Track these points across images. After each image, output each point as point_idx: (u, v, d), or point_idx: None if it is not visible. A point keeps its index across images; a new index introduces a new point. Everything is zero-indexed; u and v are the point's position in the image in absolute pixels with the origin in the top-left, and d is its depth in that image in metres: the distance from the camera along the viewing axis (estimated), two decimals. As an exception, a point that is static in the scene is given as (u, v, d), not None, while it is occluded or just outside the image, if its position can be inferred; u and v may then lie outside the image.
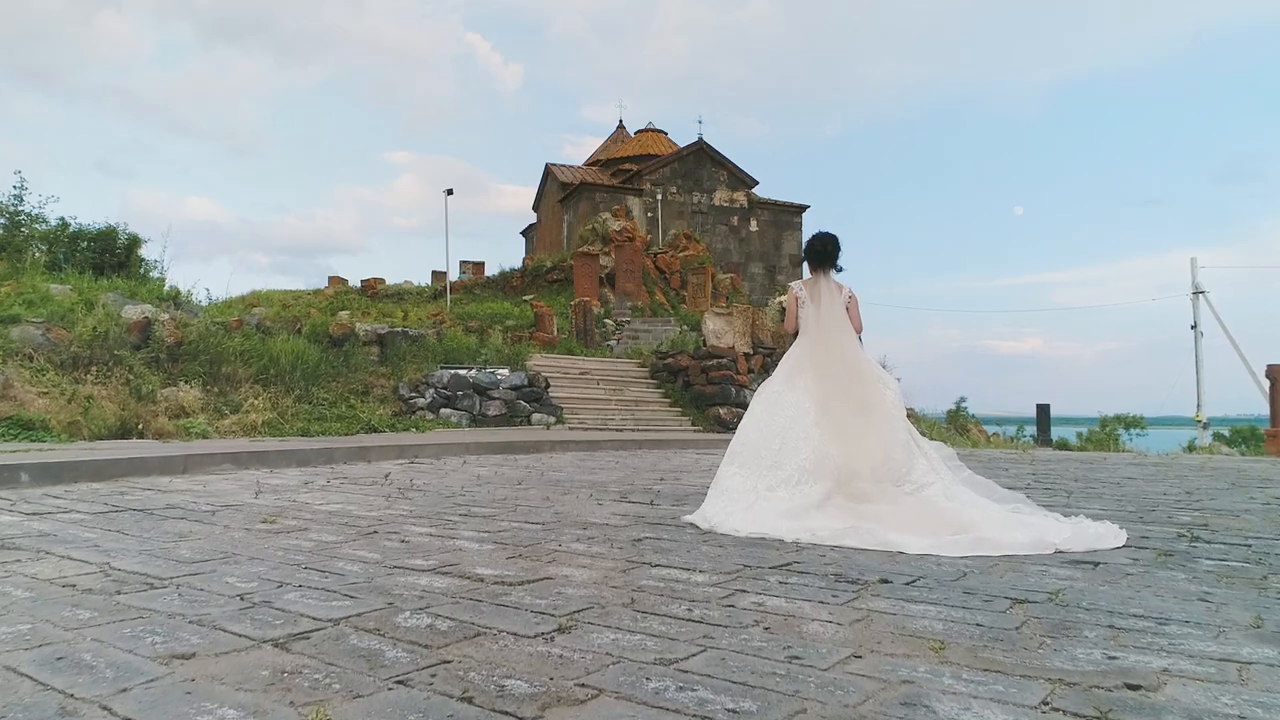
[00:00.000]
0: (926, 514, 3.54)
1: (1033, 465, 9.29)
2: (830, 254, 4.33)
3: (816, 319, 4.25)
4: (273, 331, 12.00)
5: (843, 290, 4.33)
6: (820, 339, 4.21)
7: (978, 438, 31.02)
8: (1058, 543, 3.27)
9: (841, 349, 4.18)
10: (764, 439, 3.96)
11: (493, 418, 12.53)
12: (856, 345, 4.31)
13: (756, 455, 3.93)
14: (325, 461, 7.54)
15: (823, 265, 4.33)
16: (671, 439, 11.68)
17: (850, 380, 4.08)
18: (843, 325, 4.24)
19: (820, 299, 4.27)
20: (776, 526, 3.53)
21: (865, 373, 4.20)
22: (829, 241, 4.35)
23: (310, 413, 10.93)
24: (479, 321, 18.45)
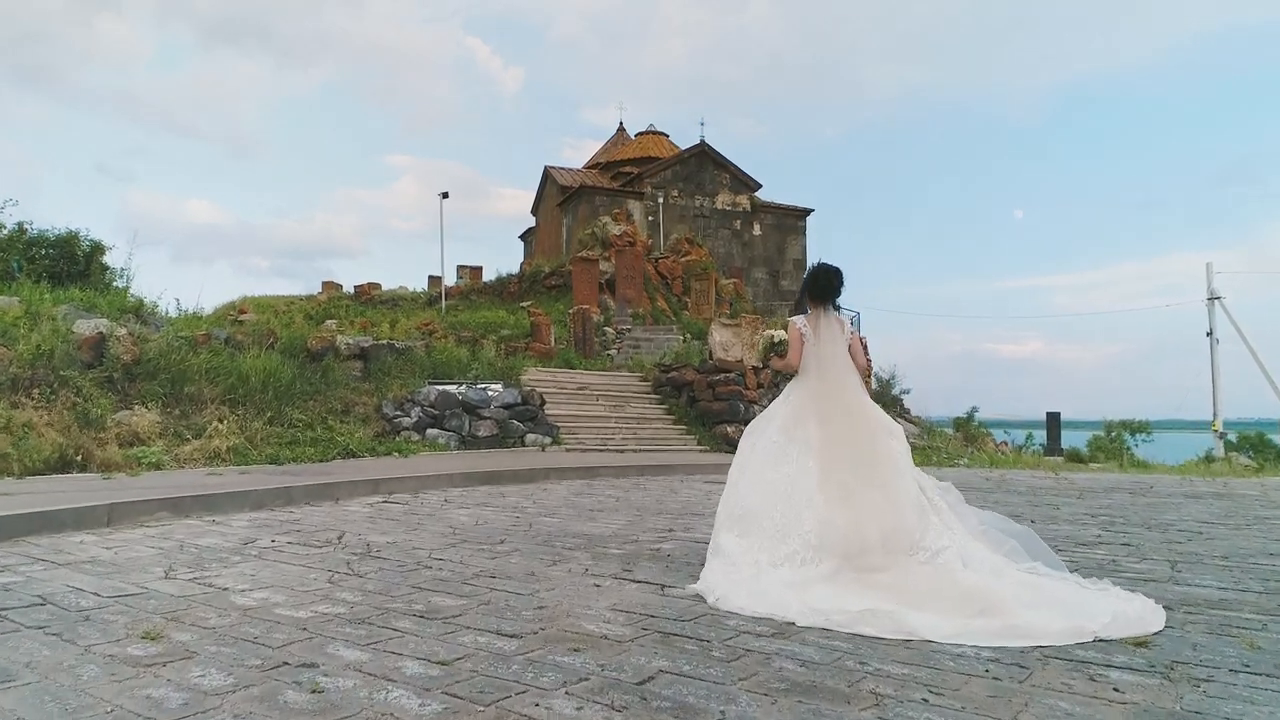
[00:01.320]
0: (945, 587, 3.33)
1: (1081, 498, 8.34)
2: (833, 288, 4.06)
3: (818, 358, 3.98)
4: (244, 346, 11.06)
5: (845, 327, 4.08)
6: (822, 381, 3.94)
7: (991, 450, 30.11)
8: (1097, 630, 2.97)
9: (845, 393, 3.93)
10: (765, 505, 3.70)
11: (483, 439, 11.59)
12: (861, 388, 4.06)
13: (758, 525, 3.67)
14: (284, 503, 6.60)
15: (824, 300, 4.05)
16: (676, 463, 10.74)
17: (855, 429, 3.84)
18: (846, 365, 3.99)
19: (821, 336, 3.99)
20: (784, 602, 3.24)
21: (871, 420, 3.93)
22: (832, 275, 4.07)
23: (282, 436, 9.98)
24: (472, 331, 17.53)
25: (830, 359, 3.97)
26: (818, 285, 4.11)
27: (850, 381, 3.99)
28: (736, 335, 13.89)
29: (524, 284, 29.44)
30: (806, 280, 4.22)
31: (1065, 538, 5.49)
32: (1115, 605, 3.19)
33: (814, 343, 4.01)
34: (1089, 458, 34.51)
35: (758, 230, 39.25)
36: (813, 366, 3.99)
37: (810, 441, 3.80)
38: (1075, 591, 3.41)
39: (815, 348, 4.00)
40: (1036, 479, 11.29)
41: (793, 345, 4.09)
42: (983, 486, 9.56)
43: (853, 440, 3.79)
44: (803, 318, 4.11)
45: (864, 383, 4.27)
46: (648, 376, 15.12)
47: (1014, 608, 3.12)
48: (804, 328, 4.05)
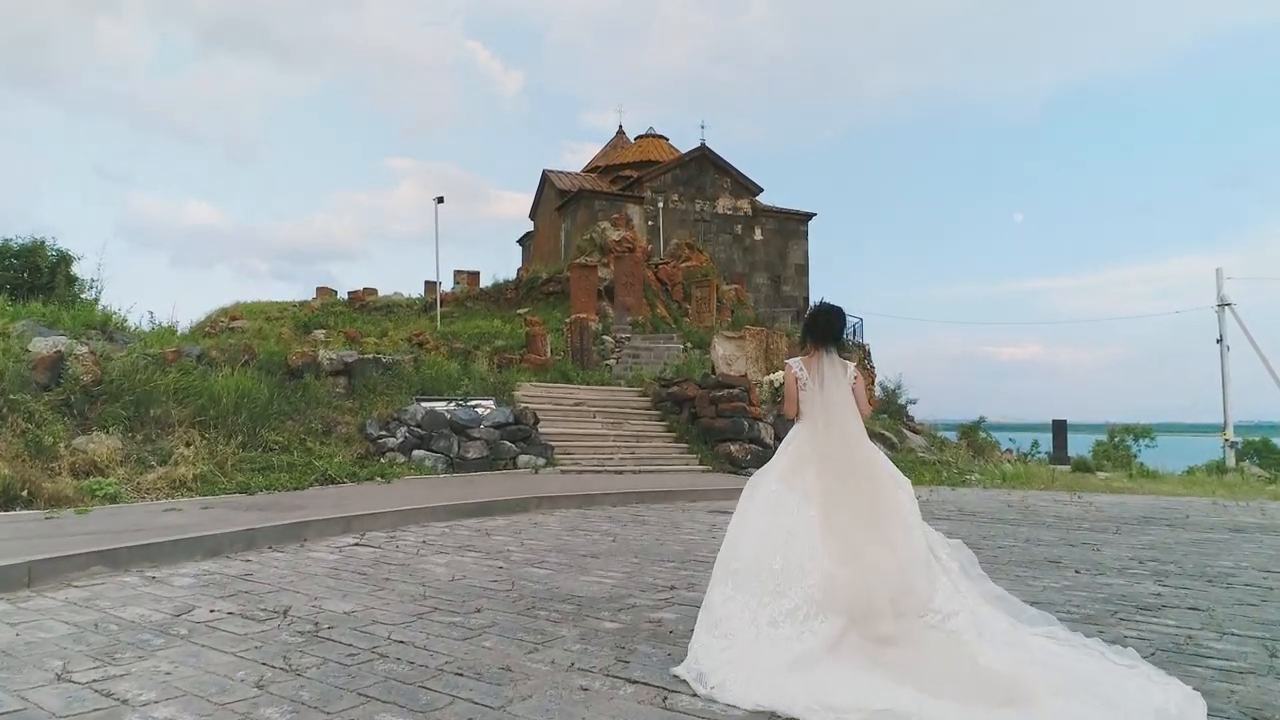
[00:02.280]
0: (962, 666, 3.11)
1: (1119, 533, 7.67)
2: (834, 329, 3.87)
3: (820, 403, 3.77)
4: (218, 363, 10.40)
5: (848, 369, 3.87)
6: (824, 427, 3.75)
7: (998, 459, 29.46)
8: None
9: (848, 440, 3.72)
10: (762, 557, 3.49)
11: (472, 461, 10.92)
12: (865, 435, 3.84)
13: (756, 577, 3.45)
14: (243, 547, 5.93)
15: (825, 342, 3.84)
16: (678, 488, 10.08)
17: (859, 479, 3.63)
18: (849, 410, 3.78)
19: (823, 379, 3.78)
20: (789, 694, 2.94)
21: (876, 470, 3.72)
22: (832, 315, 3.89)
23: (255, 461, 9.32)
24: (464, 342, 16.87)
25: (832, 404, 3.75)
26: (817, 327, 3.90)
27: (854, 428, 3.77)
28: (740, 348, 13.23)
29: (521, 290, 28.81)
30: (806, 321, 4.03)
31: (1121, 598, 4.82)
32: (1154, 697, 2.93)
33: (814, 388, 3.80)
34: (1095, 465, 33.90)
35: (759, 235, 38.63)
36: (814, 412, 3.79)
37: (810, 491, 3.62)
38: (1102, 667, 3.20)
39: (816, 393, 3.79)
40: (1059, 503, 10.62)
41: (788, 392, 3.93)
42: (1007, 516, 8.89)
43: (857, 491, 3.59)
44: (799, 361, 3.91)
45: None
46: (647, 391, 14.46)
47: (1041, 695, 2.92)
48: (800, 373, 3.84)
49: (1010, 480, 17.65)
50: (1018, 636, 3.38)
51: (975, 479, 17.35)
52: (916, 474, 16.02)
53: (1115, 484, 23.02)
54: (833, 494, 3.59)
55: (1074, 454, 38.82)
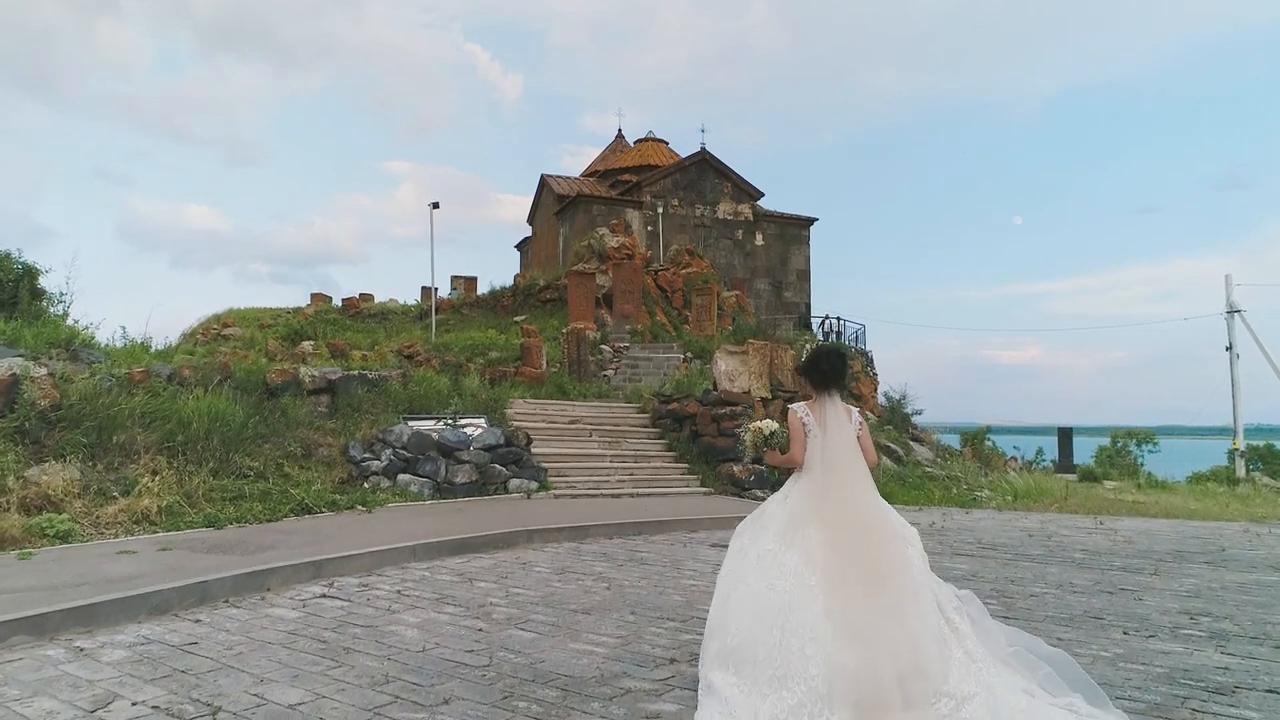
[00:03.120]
0: None
1: (1157, 574, 7.06)
2: (837, 373, 3.74)
3: (823, 451, 3.61)
4: (190, 383, 9.80)
5: (852, 415, 3.74)
6: (827, 480, 3.58)
7: (1003, 468, 28.87)
8: None
9: (853, 494, 3.55)
10: (760, 632, 3.30)
11: (461, 486, 10.31)
12: (871, 488, 3.64)
13: (753, 658, 3.27)
14: (196, 602, 5.34)
15: (828, 385, 3.72)
16: (678, 518, 9.48)
17: (865, 537, 3.46)
18: (854, 461, 3.62)
19: (826, 425, 3.63)
20: None
21: (883, 526, 3.54)
22: (835, 359, 3.77)
23: (227, 490, 8.71)
24: (457, 354, 16.28)
25: (836, 453, 3.58)
26: (819, 370, 3.72)
27: (859, 479, 3.60)
28: (743, 364, 12.64)
29: (518, 297, 28.26)
30: (806, 365, 3.84)
31: (1184, 673, 4.22)
32: None
33: (818, 434, 3.62)
34: (1101, 474, 33.34)
35: (760, 240, 38.06)
36: (816, 461, 3.61)
37: (812, 553, 3.42)
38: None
39: (821, 440, 3.60)
40: (1082, 531, 10.02)
41: (795, 438, 3.70)
42: (1031, 551, 8.28)
43: (862, 550, 3.40)
44: (803, 405, 3.72)
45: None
46: (646, 408, 13.86)
47: None
48: (806, 417, 3.66)
49: (1022, 497, 17.07)
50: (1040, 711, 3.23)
51: (985, 496, 16.76)
52: (925, 491, 15.44)
53: (1126, 496, 22.46)
54: (837, 554, 3.39)
55: (1078, 461, 38.36)
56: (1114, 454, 59.88)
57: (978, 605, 3.65)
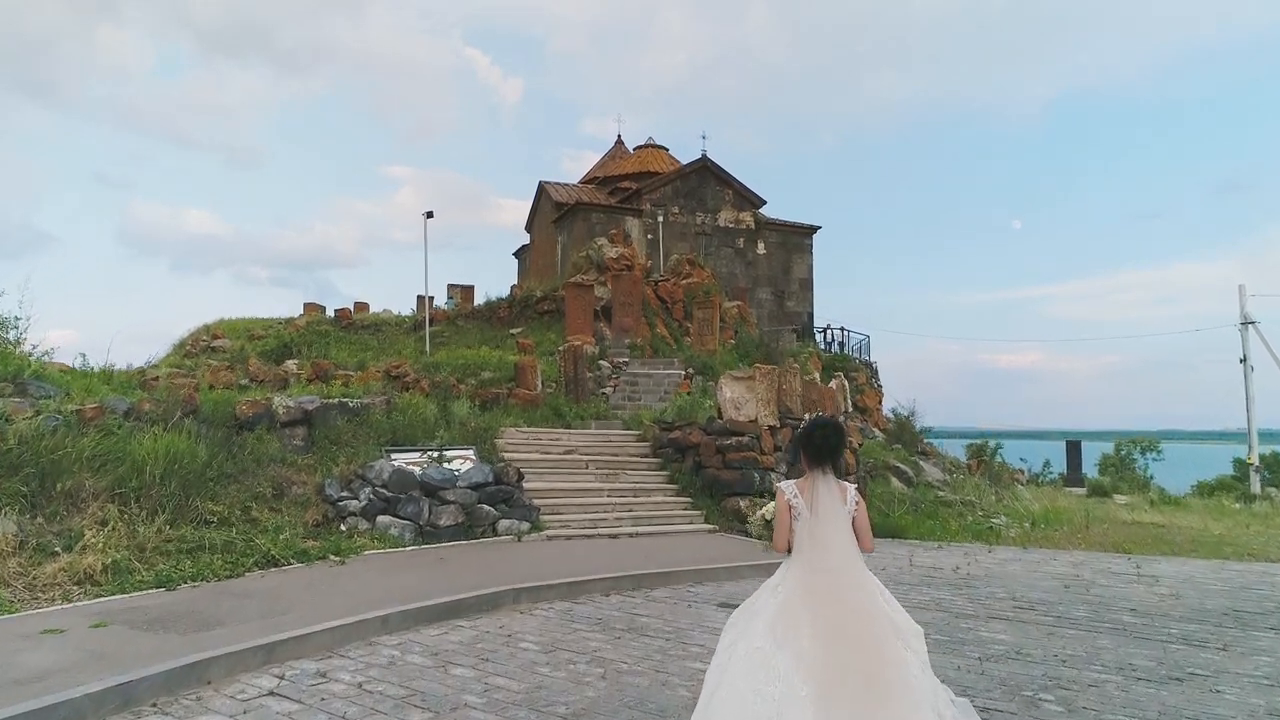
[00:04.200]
0: None
1: (1226, 650, 6.25)
2: (831, 448, 3.50)
3: (814, 536, 3.38)
4: (151, 418, 9.00)
5: (847, 494, 3.49)
6: (818, 567, 3.35)
7: (1015, 483, 28.09)
8: None
9: (847, 585, 3.32)
10: None
11: (446, 529, 9.51)
12: (867, 577, 3.42)
13: None
14: (118, 706, 4.53)
15: (822, 461, 3.48)
16: (682, 567, 8.67)
17: (861, 636, 3.20)
18: (847, 547, 3.39)
19: (819, 507, 3.41)
20: None
21: (881, 621, 3.30)
22: (829, 432, 3.52)
23: (185, 541, 7.90)
24: (448, 373, 15.47)
25: (828, 538, 3.38)
26: (812, 444, 3.50)
27: (853, 568, 3.39)
28: (750, 390, 11.85)
29: (515, 309, 27.48)
30: (799, 438, 3.62)
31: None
32: None
33: (809, 518, 3.41)
34: (1110, 487, 32.53)
35: (762, 249, 37.30)
36: (807, 547, 3.40)
37: (803, 654, 3.22)
38: None
39: (812, 522, 3.40)
40: (1122, 580, 9.19)
41: (779, 521, 3.51)
42: (1074, 611, 7.44)
43: (858, 655, 3.20)
44: (793, 485, 3.53)
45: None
46: (646, 435, 13.05)
47: None
48: (794, 499, 3.47)
49: (1040, 524, 16.29)
50: None
51: (1003, 524, 15.96)
52: (940, 521, 14.64)
53: (1142, 516, 21.68)
54: (830, 655, 3.19)
55: (1085, 471, 37.60)
56: (1118, 462, 59.19)
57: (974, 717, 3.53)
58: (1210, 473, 49.64)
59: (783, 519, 3.50)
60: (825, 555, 3.37)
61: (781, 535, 3.50)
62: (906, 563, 10.04)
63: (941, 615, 7.17)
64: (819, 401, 13.13)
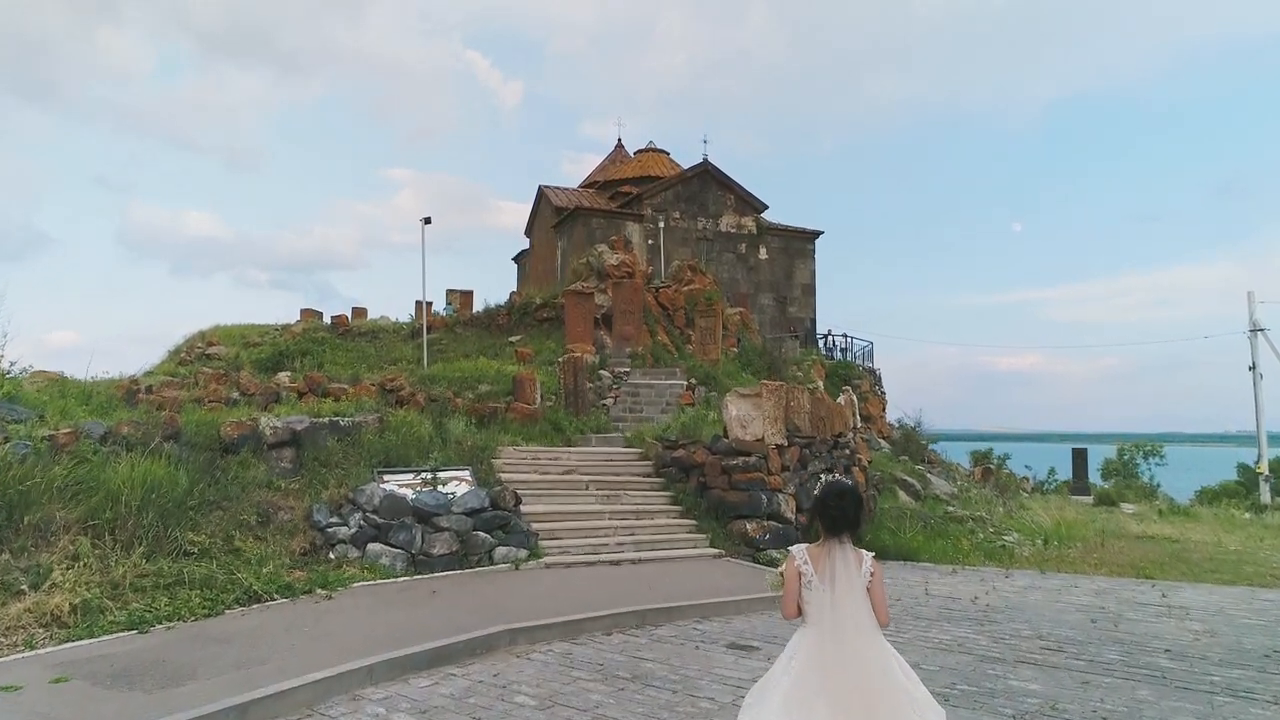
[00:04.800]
0: None
1: (1277, 703, 5.80)
2: (848, 516, 3.33)
3: (829, 608, 3.26)
4: (130, 442, 8.56)
5: (863, 563, 3.33)
6: (834, 641, 3.23)
7: (1021, 491, 27.65)
8: None
9: (864, 661, 3.20)
10: None
11: (439, 558, 9.06)
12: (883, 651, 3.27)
13: None
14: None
15: (838, 530, 3.33)
16: (688, 600, 8.21)
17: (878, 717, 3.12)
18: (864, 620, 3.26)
19: (834, 577, 3.27)
20: None
21: (899, 698, 3.18)
22: (846, 499, 3.36)
23: (163, 575, 7.46)
24: (445, 385, 15.03)
25: (843, 611, 3.27)
26: (828, 512, 3.37)
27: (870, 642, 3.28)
28: (756, 408, 11.42)
29: (514, 316, 27.03)
30: (815, 504, 3.49)
31: None
32: None
33: (822, 588, 3.30)
34: (1117, 495, 32.09)
35: (764, 254, 36.90)
36: (822, 619, 3.30)
37: None
38: None
39: (825, 595, 3.30)
40: (1151, 613, 8.73)
41: (788, 588, 3.39)
42: (1105, 654, 6.97)
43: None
44: (804, 550, 3.41)
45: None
46: (648, 453, 12.61)
47: None
48: (804, 565, 3.36)
49: (1052, 542, 15.84)
50: None
51: (1015, 541, 15.51)
52: (952, 540, 14.18)
53: (1151, 527, 21.23)
54: None
55: (1096, 486, 37.21)
56: (1121, 467, 58.75)
57: None
58: (1213, 477, 49.27)
59: (791, 586, 3.38)
60: (840, 628, 3.26)
61: (790, 602, 3.39)
62: (922, 591, 9.60)
63: (966, 659, 6.72)
64: (827, 418, 12.69)
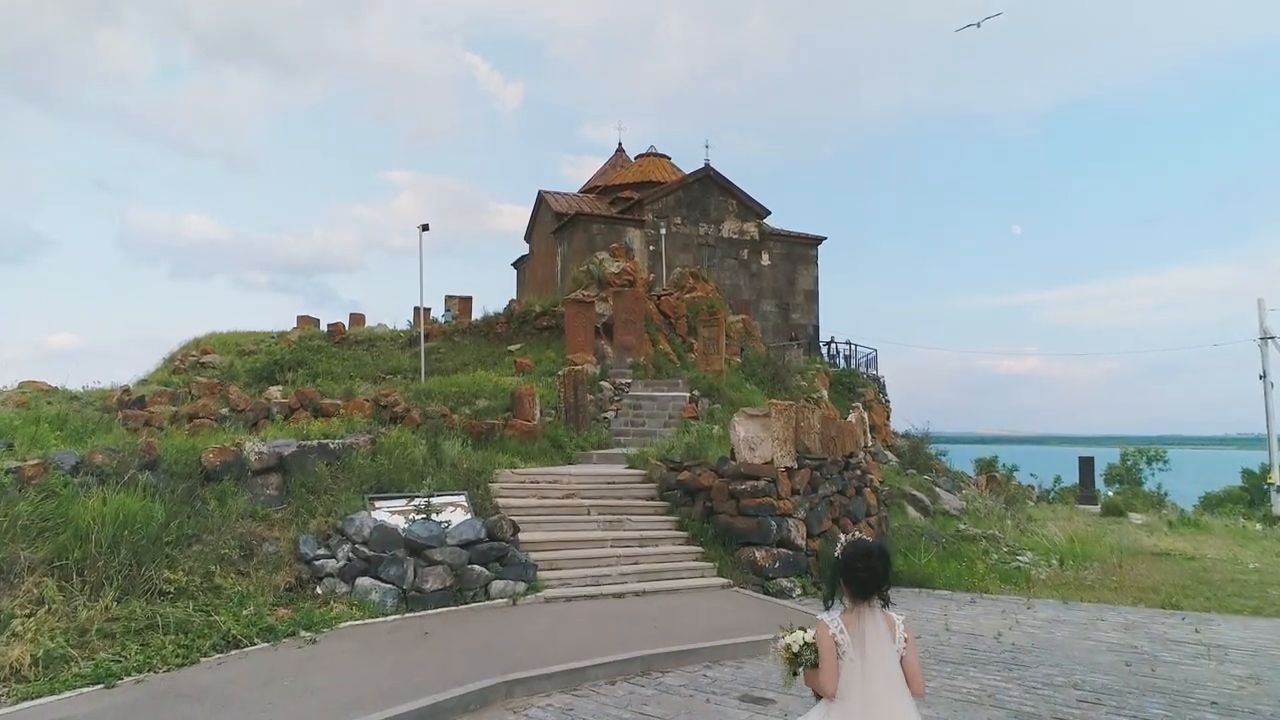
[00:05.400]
0: None
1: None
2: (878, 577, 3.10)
3: (861, 681, 3.02)
4: (105, 473, 8.07)
5: (895, 630, 3.13)
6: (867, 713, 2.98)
7: (1029, 500, 27.16)
8: None
9: None
10: None
11: (433, 594, 8.56)
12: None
13: None
14: None
15: (867, 594, 3.11)
16: (696, 642, 7.71)
17: None
18: (897, 691, 3.03)
19: (866, 647, 3.06)
20: None
21: None
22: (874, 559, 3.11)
23: (135, 619, 6.97)
24: (439, 406, 14.54)
25: (876, 682, 3.00)
26: (856, 575, 3.09)
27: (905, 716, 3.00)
28: (765, 428, 10.93)
29: (513, 325, 26.53)
30: (839, 567, 3.17)
31: None
32: None
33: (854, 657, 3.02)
34: (1124, 505, 31.61)
35: (766, 260, 36.45)
36: (852, 692, 3.01)
37: None
38: None
39: (857, 665, 3.02)
40: (1187, 652, 8.23)
41: (825, 661, 3.07)
42: (1153, 710, 6.46)
43: None
44: (837, 618, 3.11)
45: None
46: (652, 475, 12.11)
47: None
48: (840, 635, 3.07)
49: (1068, 562, 15.34)
50: None
51: (1030, 562, 15.02)
52: (967, 562, 13.65)
53: (1163, 541, 20.75)
54: None
55: (1103, 495, 36.78)
56: (1125, 472, 58.26)
57: None
58: (1216, 482, 48.90)
59: (829, 660, 3.08)
60: (873, 703, 3.02)
61: (829, 676, 3.07)
62: (942, 626, 9.11)
63: (999, 715, 6.23)
64: (838, 438, 12.20)
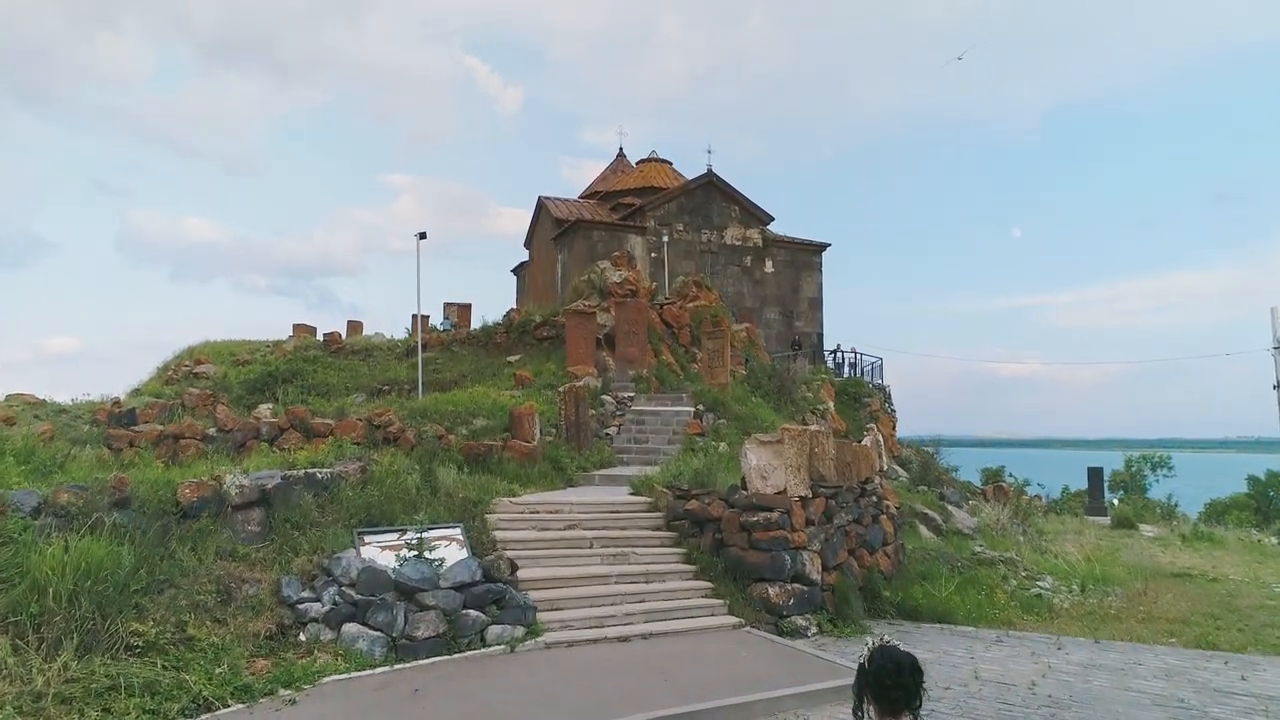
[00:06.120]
0: None
1: None
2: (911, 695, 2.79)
3: None
4: (69, 513, 7.46)
5: None
6: None
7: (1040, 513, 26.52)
8: None
9: None
10: None
11: (424, 642, 7.95)
12: None
13: None
14: None
15: (898, 713, 2.79)
16: (711, 704, 7.10)
17: None
18: None
19: None
20: None
21: None
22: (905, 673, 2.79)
23: (96, 680, 6.36)
24: (434, 426, 13.94)
25: None
26: (887, 695, 2.78)
27: None
28: (777, 456, 10.33)
29: (512, 335, 25.96)
30: (867, 681, 2.81)
31: None
32: None
33: None
34: (1134, 516, 30.98)
35: (770, 267, 35.86)
36: None
37: None
38: None
39: None
40: (1240, 707, 7.63)
41: None
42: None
43: None
44: None
45: None
46: (658, 503, 11.50)
47: None
48: None
49: (1089, 586, 14.73)
50: None
51: (1051, 589, 14.40)
52: (985, 589, 13.01)
53: (1179, 558, 20.12)
54: None
55: (1111, 505, 36.16)
56: (1129, 478, 57.60)
57: None
58: (1221, 488, 48.32)
59: None
60: None
61: None
62: (970, 674, 8.49)
63: (1048, 796, 5.62)
64: (853, 463, 11.60)
